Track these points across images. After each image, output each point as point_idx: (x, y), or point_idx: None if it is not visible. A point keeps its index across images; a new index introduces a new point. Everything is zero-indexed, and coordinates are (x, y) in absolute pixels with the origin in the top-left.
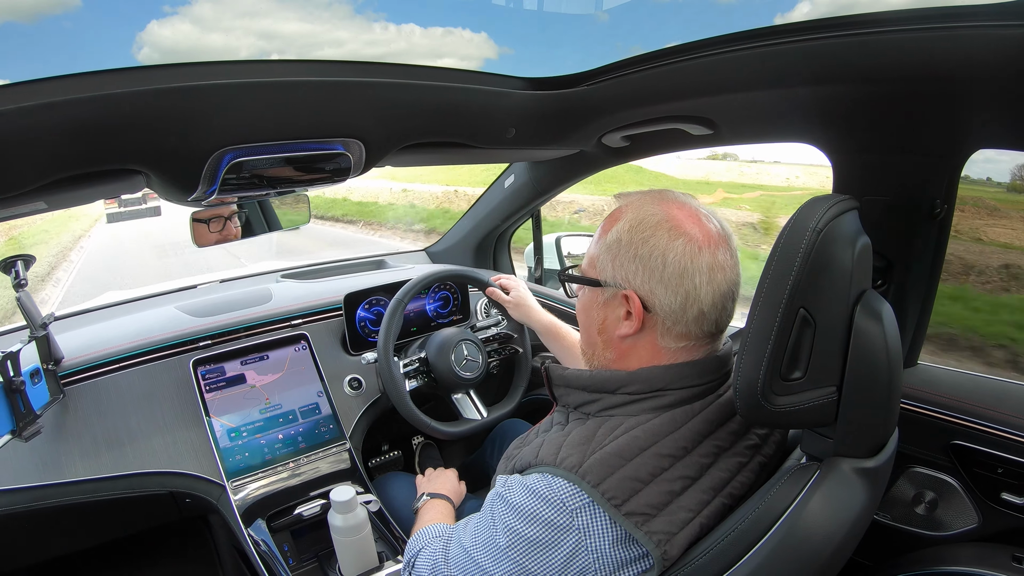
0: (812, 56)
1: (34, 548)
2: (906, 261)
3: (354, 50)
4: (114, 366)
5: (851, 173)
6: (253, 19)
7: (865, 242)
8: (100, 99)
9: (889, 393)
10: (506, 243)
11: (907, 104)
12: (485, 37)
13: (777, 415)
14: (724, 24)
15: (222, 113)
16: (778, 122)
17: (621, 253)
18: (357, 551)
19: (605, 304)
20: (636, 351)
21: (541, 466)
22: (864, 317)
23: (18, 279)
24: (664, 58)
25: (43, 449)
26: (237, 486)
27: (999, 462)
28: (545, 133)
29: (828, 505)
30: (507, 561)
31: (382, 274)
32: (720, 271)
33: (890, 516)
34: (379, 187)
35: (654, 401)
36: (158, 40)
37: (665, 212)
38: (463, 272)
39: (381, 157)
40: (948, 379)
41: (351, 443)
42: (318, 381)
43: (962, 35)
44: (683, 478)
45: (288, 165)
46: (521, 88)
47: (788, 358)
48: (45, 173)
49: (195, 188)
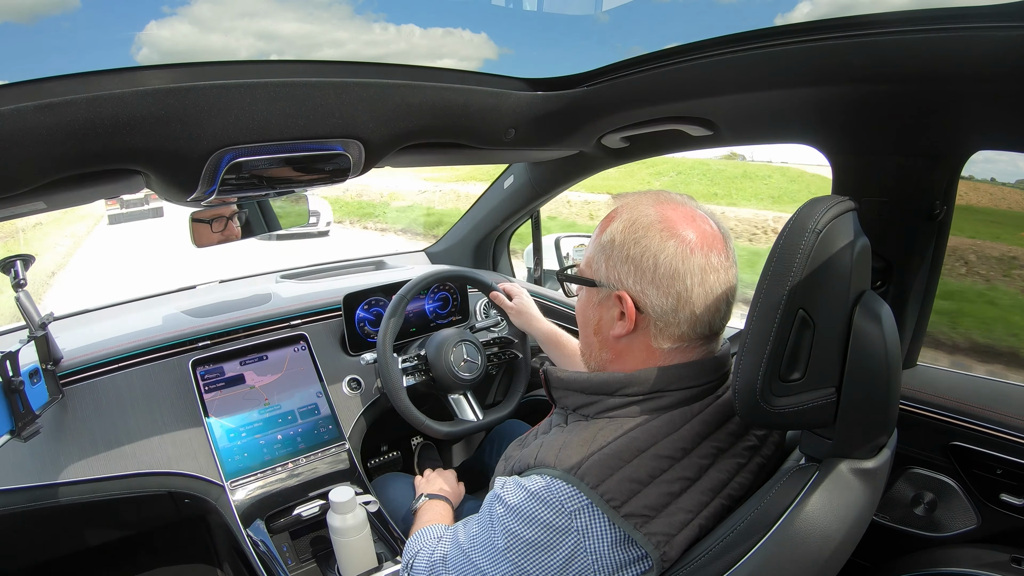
0: (811, 57)
1: (33, 548)
2: (905, 262)
3: (354, 51)
4: (113, 366)
5: (850, 174)
6: (252, 19)
7: (864, 243)
8: (99, 99)
9: (888, 394)
10: (505, 244)
11: (907, 105)
12: (485, 38)
13: (776, 416)
14: (724, 25)
15: (221, 113)
16: (777, 123)
17: (614, 254)
18: (356, 552)
19: (600, 304)
20: (631, 351)
21: (539, 468)
22: (863, 318)
23: (17, 279)
24: (663, 59)
25: (42, 449)
26: (236, 486)
27: (998, 463)
28: (545, 134)
29: (827, 506)
30: (505, 563)
31: (381, 274)
32: (713, 273)
33: (889, 517)
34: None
35: (652, 403)
36: (157, 41)
37: (659, 213)
38: (463, 273)
39: (380, 158)
40: (947, 380)
41: (350, 444)
42: (317, 382)
43: (961, 36)
44: (682, 479)
45: (287, 165)
46: (521, 89)
47: (787, 359)
48: (44, 173)
49: (195, 188)
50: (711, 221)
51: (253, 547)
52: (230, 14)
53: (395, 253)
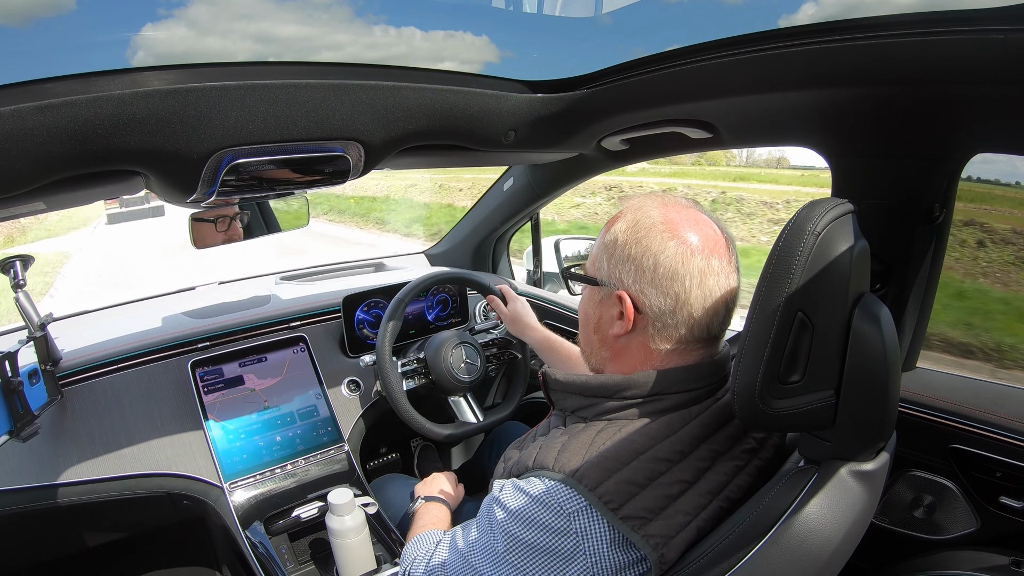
0: (811, 60)
1: (31, 549)
2: (904, 265)
3: (354, 53)
4: (112, 367)
5: (850, 177)
6: (250, 22)
7: (863, 245)
8: (100, 100)
9: (887, 396)
10: (505, 246)
11: (906, 108)
12: (486, 40)
13: (775, 419)
14: (725, 27)
15: (221, 115)
16: (777, 126)
17: (616, 253)
18: (355, 554)
19: (601, 303)
20: (629, 352)
21: (538, 470)
22: (862, 320)
23: (16, 279)
24: (663, 62)
25: (41, 450)
26: (235, 488)
27: (997, 466)
28: (544, 136)
29: (826, 508)
30: (505, 566)
31: (381, 276)
32: (712, 276)
33: (888, 520)
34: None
35: (651, 405)
36: (152, 44)
37: (663, 215)
38: (462, 275)
39: (380, 159)
40: (946, 383)
41: (349, 445)
42: (316, 383)
43: (961, 39)
44: (680, 482)
45: (287, 167)
46: (521, 91)
47: (786, 361)
48: (44, 174)
49: (194, 189)
50: (715, 225)
51: (252, 549)
52: (227, 16)
53: (394, 255)
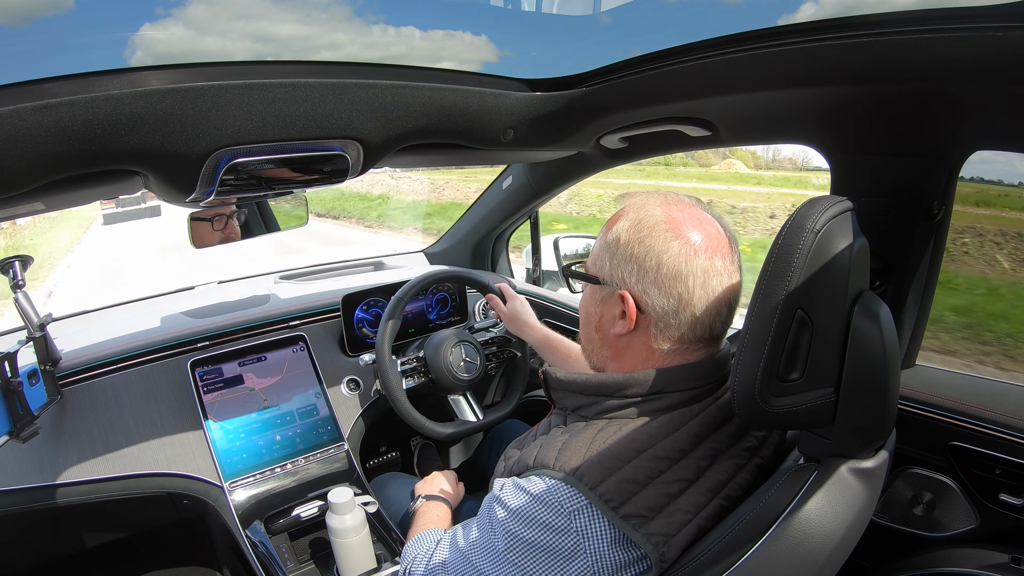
0: (810, 58)
1: (31, 550)
2: (904, 262)
3: (352, 53)
4: (112, 367)
5: (849, 174)
6: (249, 21)
7: (863, 243)
8: (98, 100)
9: (887, 394)
10: (504, 244)
11: (905, 105)
12: (485, 40)
13: (775, 416)
14: (725, 26)
15: (220, 114)
16: (776, 123)
17: (619, 252)
18: (355, 553)
19: (602, 302)
20: (631, 351)
21: (538, 468)
22: (862, 318)
23: (15, 280)
24: (662, 60)
25: (41, 450)
26: (235, 487)
27: (997, 463)
28: (543, 134)
29: (826, 506)
30: (506, 564)
31: (380, 275)
32: (716, 276)
33: (888, 517)
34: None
35: (651, 404)
36: (150, 44)
37: (666, 214)
38: (461, 273)
39: (379, 158)
40: (946, 380)
41: (349, 444)
42: (316, 382)
43: (960, 37)
44: (680, 480)
45: (286, 166)
46: (519, 89)
47: (786, 359)
48: (43, 174)
49: (193, 189)
50: (718, 224)
51: (252, 548)
52: (226, 15)
53: (394, 254)
